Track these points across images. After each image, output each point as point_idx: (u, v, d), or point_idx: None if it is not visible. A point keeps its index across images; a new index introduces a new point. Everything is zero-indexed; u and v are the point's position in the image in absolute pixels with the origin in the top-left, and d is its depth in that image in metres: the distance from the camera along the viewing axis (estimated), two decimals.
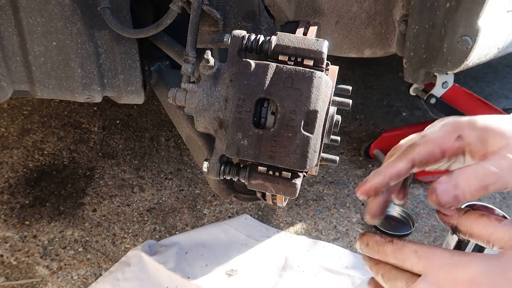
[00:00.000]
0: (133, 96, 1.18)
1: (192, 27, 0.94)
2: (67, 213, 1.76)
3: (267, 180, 0.79)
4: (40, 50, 1.03)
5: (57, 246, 1.62)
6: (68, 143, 2.14)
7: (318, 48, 0.76)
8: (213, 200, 1.87)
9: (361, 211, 1.85)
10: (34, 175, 1.93)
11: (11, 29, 0.99)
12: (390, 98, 2.68)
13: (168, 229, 1.72)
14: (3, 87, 1.05)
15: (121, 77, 1.13)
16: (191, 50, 0.93)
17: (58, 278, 1.50)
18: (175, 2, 0.98)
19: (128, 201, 1.84)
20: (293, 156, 0.75)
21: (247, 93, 0.74)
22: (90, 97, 1.13)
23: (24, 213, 1.74)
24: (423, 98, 2.00)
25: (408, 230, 1.76)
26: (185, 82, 0.87)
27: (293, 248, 1.65)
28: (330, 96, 0.80)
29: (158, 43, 1.17)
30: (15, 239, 1.63)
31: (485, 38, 1.08)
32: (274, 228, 1.74)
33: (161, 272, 1.48)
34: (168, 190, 1.91)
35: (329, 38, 1.14)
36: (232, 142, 0.75)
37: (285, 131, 0.74)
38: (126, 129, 2.28)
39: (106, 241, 1.65)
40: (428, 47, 1.15)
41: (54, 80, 1.07)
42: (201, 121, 0.83)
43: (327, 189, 1.96)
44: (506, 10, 1.11)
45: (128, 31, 1.04)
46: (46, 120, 2.29)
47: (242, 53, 0.81)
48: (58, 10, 0.99)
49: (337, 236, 1.73)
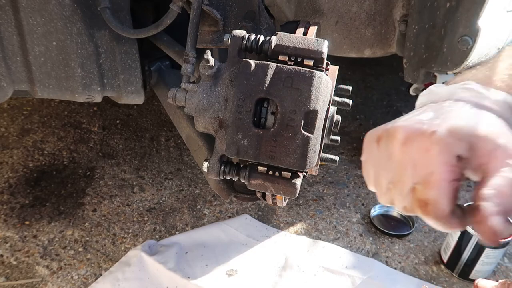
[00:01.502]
0: (133, 96, 1.18)
1: (192, 27, 0.94)
2: (67, 213, 1.76)
3: (267, 180, 0.80)
4: (40, 50, 1.03)
5: (57, 246, 1.62)
6: (68, 143, 2.14)
7: (318, 48, 0.76)
8: (213, 200, 1.87)
9: (361, 211, 1.86)
10: (34, 175, 1.93)
11: (11, 29, 1.00)
12: (390, 98, 2.67)
13: (168, 229, 1.72)
14: (3, 87, 1.05)
15: (121, 77, 1.13)
16: (191, 50, 0.93)
17: (58, 278, 1.50)
18: (175, 2, 0.98)
19: (128, 201, 1.84)
20: (293, 156, 0.75)
21: (247, 93, 0.74)
22: (90, 97, 1.13)
23: (24, 213, 1.74)
24: None
25: (408, 230, 1.76)
26: (185, 82, 0.87)
27: (293, 248, 1.65)
28: (330, 96, 0.80)
29: (158, 43, 1.17)
30: (15, 239, 1.63)
31: (485, 38, 1.08)
32: (274, 228, 1.74)
33: (161, 272, 1.48)
34: (168, 190, 1.91)
35: (329, 38, 1.14)
36: (232, 142, 0.75)
37: (285, 131, 0.74)
38: (126, 129, 2.28)
39: (106, 241, 1.65)
40: (428, 47, 1.15)
41: (54, 80, 1.07)
42: (201, 121, 0.83)
43: (327, 189, 1.96)
44: (506, 10, 1.11)
45: (128, 31, 1.04)
46: (46, 120, 2.29)
47: (242, 53, 0.81)
48: (58, 10, 0.99)
49: (337, 236, 1.73)
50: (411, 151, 0.51)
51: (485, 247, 1.47)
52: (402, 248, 1.69)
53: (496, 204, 0.45)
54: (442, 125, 0.50)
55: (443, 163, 0.48)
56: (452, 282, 1.57)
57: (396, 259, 1.65)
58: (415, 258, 1.66)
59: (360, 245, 1.69)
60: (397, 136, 0.53)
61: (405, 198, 0.52)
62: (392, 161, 0.53)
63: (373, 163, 0.58)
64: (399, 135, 0.52)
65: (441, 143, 0.49)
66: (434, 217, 0.49)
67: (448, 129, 0.49)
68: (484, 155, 0.48)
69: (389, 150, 0.54)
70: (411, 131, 0.52)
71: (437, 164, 0.49)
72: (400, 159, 0.52)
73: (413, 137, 0.51)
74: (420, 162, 0.50)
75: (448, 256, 1.59)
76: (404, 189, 0.52)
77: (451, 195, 0.49)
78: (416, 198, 0.50)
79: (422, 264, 1.63)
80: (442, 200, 0.48)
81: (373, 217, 1.80)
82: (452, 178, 0.48)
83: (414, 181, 0.50)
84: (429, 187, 0.49)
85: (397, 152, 0.53)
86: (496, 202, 0.45)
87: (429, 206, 0.49)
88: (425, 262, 1.64)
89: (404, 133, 0.52)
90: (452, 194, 0.49)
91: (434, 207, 0.49)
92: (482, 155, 0.48)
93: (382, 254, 1.67)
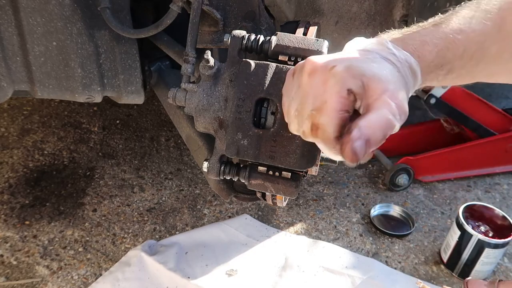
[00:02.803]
0: (133, 96, 1.18)
1: (192, 27, 0.94)
2: (67, 213, 1.76)
3: (267, 180, 0.79)
4: (40, 50, 1.03)
5: (57, 246, 1.62)
6: (68, 143, 2.14)
7: (318, 48, 0.76)
8: (213, 200, 1.87)
9: (361, 211, 1.86)
10: (34, 175, 1.93)
11: (11, 29, 1.00)
12: None
13: (168, 229, 1.72)
14: (3, 87, 1.05)
15: (121, 77, 1.13)
16: (191, 50, 0.93)
17: (58, 278, 1.50)
18: (175, 2, 0.98)
19: (128, 201, 1.84)
20: (293, 156, 0.75)
21: (247, 93, 0.74)
22: (90, 97, 1.13)
23: (24, 213, 1.74)
24: (423, 98, 2.00)
25: (408, 230, 1.76)
26: (185, 82, 0.87)
27: (293, 248, 1.65)
28: None
29: (158, 43, 1.17)
30: (15, 239, 1.63)
31: None
32: (274, 228, 1.74)
33: (161, 272, 1.48)
34: (168, 190, 1.91)
35: (329, 38, 1.14)
36: (232, 142, 0.75)
37: (285, 131, 0.74)
38: (126, 129, 2.28)
39: (106, 241, 1.65)
40: None
41: (54, 80, 1.07)
42: (201, 121, 0.83)
43: (327, 189, 1.97)
44: None
45: (128, 31, 1.04)
46: (46, 120, 2.29)
47: (242, 53, 0.81)
48: (58, 10, 0.99)
49: (337, 236, 1.73)
50: (313, 82, 0.58)
51: (484, 246, 1.47)
52: (402, 248, 1.70)
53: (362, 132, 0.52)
54: (343, 62, 0.57)
55: (335, 94, 0.55)
56: (452, 282, 1.57)
57: (396, 259, 1.65)
58: (415, 258, 1.66)
59: (360, 245, 1.70)
60: (305, 68, 0.60)
61: (304, 123, 0.59)
62: (300, 90, 0.60)
63: (287, 94, 0.64)
64: (307, 67, 0.59)
65: (337, 76, 0.56)
66: (321, 139, 0.57)
67: (346, 66, 0.56)
68: (372, 95, 0.55)
69: (299, 80, 0.61)
70: (317, 65, 0.58)
71: (330, 94, 0.55)
72: (305, 89, 0.59)
73: (317, 70, 0.58)
74: (318, 92, 0.57)
75: (448, 256, 1.59)
76: (304, 115, 0.59)
77: (338, 122, 0.55)
78: (310, 123, 0.58)
79: (422, 264, 1.64)
80: (330, 125, 0.55)
81: (373, 217, 1.80)
82: (341, 109, 0.55)
83: (312, 108, 0.57)
84: (321, 113, 0.56)
85: (304, 82, 0.59)
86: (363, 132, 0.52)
87: (319, 130, 0.57)
88: (425, 262, 1.64)
89: (311, 66, 0.59)
90: (339, 121, 0.55)
91: (322, 131, 0.56)
92: (371, 95, 0.55)
93: (382, 254, 1.67)
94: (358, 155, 0.52)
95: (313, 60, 0.60)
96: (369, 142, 0.52)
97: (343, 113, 0.55)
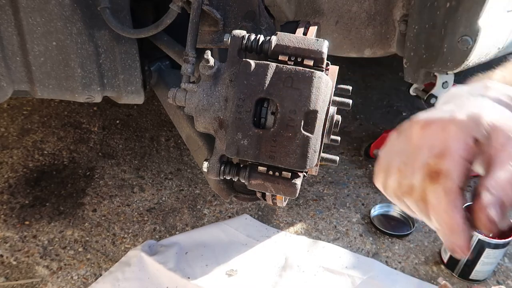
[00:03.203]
0: (133, 96, 1.18)
1: (192, 27, 0.94)
2: (67, 213, 1.76)
3: (267, 180, 0.79)
4: (40, 50, 1.03)
5: (57, 246, 1.62)
6: (68, 143, 2.14)
7: (318, 48, 0.76)
8: (213, 200, 1.87)
9: (361, 211, 1.85)
10: (34, 175, 1.93)
11: (11, 29, 0.99)
12: (390, 98, 2.67)
13: (168, 229, 1.72)
14: (3, 87, 1.05)
15: (121, 77, 1.13)
16: (191, 50, 0.93)
17: (58, 278, 1.50)
18: (175, 2, 0.98)
19: (128, 201, 1.84)
20: (293, 156, 0.75)
21: (247, 93, 0.74)
22: (90, 97, 1.13)
23: (24, 213, 1.74)
24: (423, 98, 1.99)
25: (408, 230, 1.76)
26: (185, 82, 0.87)
27: (293, 248, 1.65)
28: (330, 96, 0.80)
29: (158, 43, 1.17)
30: (15, 239, 1.63)
31: (485, 38, 1.08)
32: (274, 228, 1.74)
33: (161, 272, 1.48)
34: (168, 190, 1.91)
35: (329, 38, 1.14)
36: (232, 142, 0.75)
37: (285, 131, 0.74)
38: (126, 129, 2.28)
39: (106, 241, 1.65)
40: (428, 47, 1.15)
41: (54, 80, 1.07)
42: (201, 121, 0.83)
43: (327, 189, 1.96)
44: (506, 10, 1.11)
45: (128, 31, 1.04)
46: (46, 120, 2.29)
47: (242, 53, 0.81)
48: (58, 10, 0.99)
49: (337, 236, 1.73)
50: (429, 132, 0.51)
51: (485, 247, 1.47)
52: (402, 248, 1.69)
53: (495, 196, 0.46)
54: (461, 111, 0.50)
55: (460, 140, 0.48)
56: (452, 282, 1.57)
57: (396, 259, 1.65)
58: (415, 258, 1.66)
59: (360, 245, 1.69)
60: (417, 121, 0.53)
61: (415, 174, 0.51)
62: (409, 144, 0.53)
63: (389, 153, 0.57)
64: (420, 121, 0.53)
65: (460, 124, 0.49)
66: (442, 188, 0.48)
67: (468, 115, 0.50)
68: (495, 146, 0.48)
69: (408, 136, 0.54)
70: (431, 117, 0.52)
71: (454, 140, 0.49)
72: (416, 141, 0.52)
73: (433, 121, 0.52)
74: (437, 140, 0.50)
75: (448, 256, 1.59)
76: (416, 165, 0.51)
77: (464, 171, 0.48)
78: (427, 170, 0.50)
79: (422, 264, 1.63)
80: (455, 171, 0.48)
81: (373, 217, 1.80)
82: (466, 157, 0.48)
83: (428, 157, 0.50)
84: (443, 158, 0.49)
85: (415, 136, 0.53)
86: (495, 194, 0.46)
87: (440, 176, 0.48)
88: (425, 262, 1.64)
89: (424, 119, 0.53)
90: (465, 170, 0.48)
91: (445, 177, 0.48)
92: (493, 146, 0.48)
93: (382, 254, 1.67)
94: (496, 223, 0.46)
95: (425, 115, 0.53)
96: (504, 206, 0.46)
97: (467, 163, 0.48)
